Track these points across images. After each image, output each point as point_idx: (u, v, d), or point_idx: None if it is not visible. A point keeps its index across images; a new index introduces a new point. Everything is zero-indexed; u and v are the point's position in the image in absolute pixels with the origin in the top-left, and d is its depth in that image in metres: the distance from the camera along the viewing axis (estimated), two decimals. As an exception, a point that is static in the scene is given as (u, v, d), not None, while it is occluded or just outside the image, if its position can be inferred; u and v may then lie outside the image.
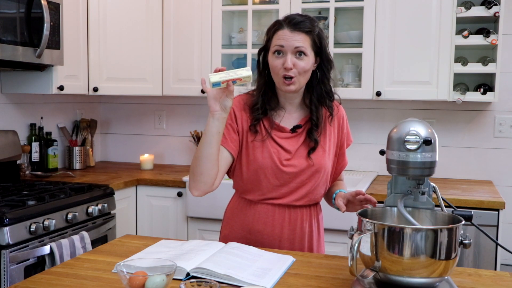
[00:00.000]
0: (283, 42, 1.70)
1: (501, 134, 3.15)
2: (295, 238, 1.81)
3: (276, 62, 1.72)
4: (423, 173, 1.36)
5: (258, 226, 1.81)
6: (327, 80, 1.80)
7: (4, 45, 2.45)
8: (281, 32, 1.72)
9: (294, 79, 1.71)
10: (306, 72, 1.74)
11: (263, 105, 1.79)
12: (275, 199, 1.80)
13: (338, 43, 3.12)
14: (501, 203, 2.58)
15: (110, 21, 3.23)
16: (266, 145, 1.78)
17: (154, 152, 3.73)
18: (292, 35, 1.70)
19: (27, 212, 2.23)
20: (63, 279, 1.41)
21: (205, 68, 3.28)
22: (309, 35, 1.72)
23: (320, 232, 1.91)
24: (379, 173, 3.29)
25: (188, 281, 1.29)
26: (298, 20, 1.72)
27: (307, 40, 1.71)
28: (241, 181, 1.83)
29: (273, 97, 1.81)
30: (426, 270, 1.23)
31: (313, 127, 1.79)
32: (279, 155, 1.77)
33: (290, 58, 1.70)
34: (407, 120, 1.39)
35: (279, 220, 1.80)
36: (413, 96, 2.98)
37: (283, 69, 1.71)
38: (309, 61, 1.72)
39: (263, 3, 3.27)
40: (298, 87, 1.75)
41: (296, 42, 1.70)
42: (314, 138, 1.78)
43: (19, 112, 3.17)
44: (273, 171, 1.77)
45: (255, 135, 1.79)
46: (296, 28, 1.71)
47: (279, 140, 1.79)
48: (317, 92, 1.79)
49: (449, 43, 2.86)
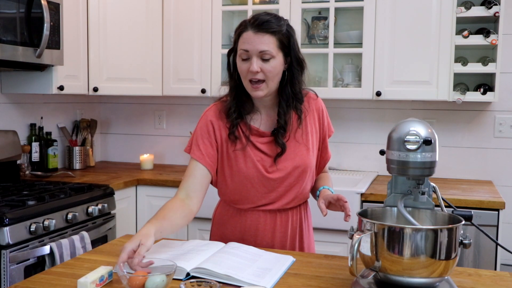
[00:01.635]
0: (247, 46, 1.62)
1: (501, 134, 3.15)
2: (286, 240, 1.79)
3: (243, 66, 1.65)
4: (423, 173, 1.36)
5: (250, 232, 1.78)
6: (298, 81, 1.71)
7: (4, 45, 2.45)
8: (245, 35, 1.64)
9: (262, 85, 1.64)
10: (275, 76, 1.66)
11: (237, 109, 1.72)
12: (265, 206, 1.76)
13: (338, 43, 3.12)
14: (501, 203, 2.58)
15: (110, 21, 3.23)
16: (248, 153, 1.72)
17: (154, 152, 3.73)
18: (256, 37, 1.62)
19: (27, 212, 2.23)
20: (63, 279, 1.41)
21: (205, 68, 3.28)
22: (275, 36, 1.63)
23: (310, 230, 1.89)
24: (379, 173, 3.29)
25: (188, 281, 1.29)
26: (263, 20, 1.63)
27: (273, 42, 1.63)
28: (227, 192, 1.79)
29: (247, 100, 1.73)
30: (426, 270, 1.23)
31: (280, 131, 1.71)
32: (263, 162, 1.72)
33: (256, 62, 1.62)
34: (407, 120, 1.39)
35: (270, 225, 1.77)
36: (413, 96, 2.98)
37: (250, 73, 1.63)
38: (276, 63, 1.64)
39: (263, 3, 3.27)
40: (267, 91, 1.67)
41: (260, 45, 1.61)
42: (281, 143, 1.71)
43: (19, 112, 3.17)
44: (259, 179, 1.72)
45: (235, 142, 1.72)
46: (260, 29, 1.62)
47: (261, 145, 1.73)
48: (285, 94, 1.71)
49: (449, 43, 2.86)
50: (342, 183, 3.00)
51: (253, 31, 1.63)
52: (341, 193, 2.68)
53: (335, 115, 3.39)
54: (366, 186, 2.84)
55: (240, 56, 1.66)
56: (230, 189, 1.77)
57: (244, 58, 1.65)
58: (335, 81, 3.16)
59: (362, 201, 2.74)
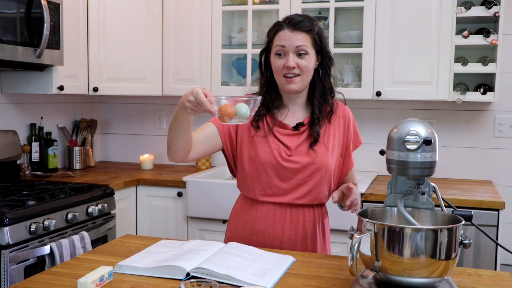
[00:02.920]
0: (284, 42, 1.72)
1: (501, 134, 3.15)
2: (297, 239, 1.80)
3: (278, 62, 1.74)
4: (423, 173, 1.36)
5: (259, 226, 1.80)
6: (328, 77, 1.82)
7: (4, 45, 2.45)
8: (281, 33, 1.74)
9: (296, 78, 1.73)
10: (309, 71, 1.75)
11: (265, 103, 1.81)
12: (275, 196, 1.78)
13: (338, 43, 3.12)
14: (501, 203, 2.58)
15: (110, 21, 3.23)
16: (268, 141, 1.79)
17: (154, 152, 3.73)
18: (293, 35, 1.72)
19: (27, 212, 2.23)
20: (63, 279, 1.41)
21: (205, 68, 3.28)
22: (310, 34, 1.74)
23: (326, 235, 1.88)
24: (379, 173, 3.29)
25: (188, 281, 1.29)
26: (298, 20, 1.74)
27: (308, 39, 1.73)
28: (242, 177, 1.84)
29: (277, 97, 1.83)
30: (426, 270, 1.23)
31: (315, 121, 1.80)
32: (280, 151, 1.78)
33: (292, 58, 1.72)
34: (407, 120, 1.39)
35: (280, 219, 1.79)
36: (413, 96, 2.98)
37: (286, 69, 1.72)
38: (310, 60, 1.74)
39: (263, 3, 3.27)
40: (301, 86, 1.76)
41: (297, 41, 1.71)
42: (316, 131, 1.78)
43: (19, 112, 3.17)
44: (273, 166, 1.77)
45: (257, 130, 1.81)
46: (296, 28, 1.73)
47: (281, 136, 1.80)
48: (319, 89, 1.81)
49: (449, 43, 2.86)
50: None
51: (289, 30, 1.73)
52: (341, 193, 2.71)
53: (335, 115, 3.39)
54: (366, 186, 2.84)
55: (276, 52, 1.75)
56: (246, 175, 1.82)
57: (280, 55, 1.74)
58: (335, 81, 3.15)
59: (362, 201, 2.74)
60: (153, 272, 1.43)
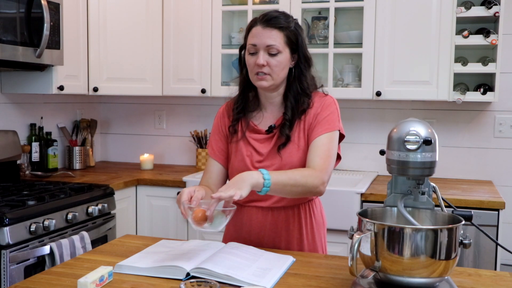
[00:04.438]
0: (255, 40, 1.69)
1: (501, 134, 3.15)
2: (281, 242, 1.77)
3: (250, 60, 1.71)
4: (423, 173, 1.36)
5: (245, 228, 1.80)
6: (305, 77, 1.75)
7: (4, 45, 2.45)
8: (254, 30, 1.71)
9: (267, 76, 1.69)
10: (281, 70, 1.71)
11: (241, 104, 1.80)
12: (255, 202, 1.77)
13: (338, 43, 3.12)
14: (501, 203, 2.58)
15: (110, 21, 3.23)
16: (240, 147, 1.78)
17: (154, 152, 3.73)
18: (264, 32, 1.68)
19: (27, 212, 2.23)
20: (63, 279, 1.41)
21: (205, 68, 3.28)
22: (283, 31, 1.69)
23: (316, 235, 1.83)
24: (379, 173, 3.29)
25: (188, 281, 1.29)
26: (272, 16, 1.70)
27: (281, 37, 1.68)
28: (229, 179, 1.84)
29: (254, 99, 1.81)
30: (426, 270, 1.23)
31: (286, 123, 1.74)
32: (252, 158, 1.76)
33: (262, 56, 1.68)
34: (407, 120, 1.39)
35: (262, 222, 1.77)
36: (413, 96, 2.98)
37: (256, 67, 1.69)
38: (282, 59, 1.69)
39: (263, 3, 3.27)
40: (272, 83, 1.71)
41: (267, 39, 1.67)
42: (285, 133, 1.73)
43: (19, 112, 3.17)
44: None
45: (233, 136, 1.81)
46: (268, 25, 1.68)
47: (253, 142, 1.78)
48: (293, 90, 1.75)
49: (449, 43, 2.86)
50: (342, 183, 3.00)
51: (261, 26, 1.69)
52: (342, 193, 2.71)
53: (335, 115, 3.38)
54: (366, 186, 2.84)
55: (248, 50, 1.72)
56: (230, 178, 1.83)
57: (252, 52, 1.71)
58: (335, 81, 3.16)
59: (362, 201, 2.74)
60: (153, 272, 1.43)
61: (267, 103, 1.80)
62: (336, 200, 2.71)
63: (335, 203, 2.70)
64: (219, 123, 1.86)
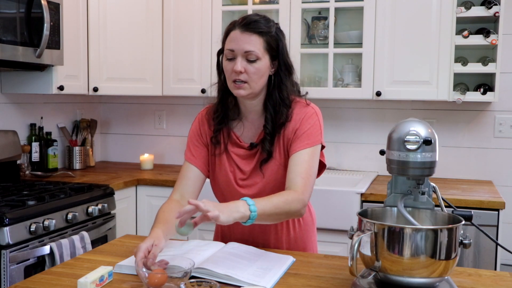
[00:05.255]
0: (233, 45, 1.58)
1: (501, 134, 3.15)
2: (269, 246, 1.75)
3: (228, 66, 1.61)
4: (423, 173, 1.36)
5: (235, 235, 1.78)
6: (285, 86, 1.65)
7: (4, 45, 2.45)
8: (232, 34, 1.60)
9: (245, 84, 1.59)
10: (260, 78, 1.60)
11: (221, 113, 1.70)
12: None
13: (338, 43, 3.12)
14: (501, 203, 2.58)
15: (110, 21, 3.23)
16: (223, 161, 1.71)
17: (154, 152, 3.73)
18: (243, 37, 1.57)
19: (27, 212, 2.23)
20: (63, 279, 1.41)
21: (205, 68, 3.28)
22: (263, 37, 1.59)
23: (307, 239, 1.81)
24: (379, 173, 3.29)
25: (188, 281, 1.29)
26: (251, 20, 1.59)
27: (260, 43, 1.58)
28: (213, 191, 1.81)
29: (234, 107, 1.72)
30: (426, 270, 1.23)
31: (267, 137, 1.65)
32: (235, 174, 1.70)
33: (240, 62, 1.57)
34: (407, 120, 1.39)
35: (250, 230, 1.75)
36: (413, 96, 2.98)
37: (234, 73, 1.59)
38: (261, 65, 1.59)
39: (263, 3, 3.27)
40: (251, 91, 1.61)
41: (246, 45, 1.57)
42: (266, 149, 1.65)
43: (19, 112, 3.17)
44: (230, 190, 1.71)
45: (216, 147, 1.73)
46: (247, 29, 1.58)
47: (236, 158, 1.71)
48: (273, 100, 1.65)
49: (449, 43, 2.86)
50: (342, 183, 3.00)
51: (240, 31, 1.59)
52: (341, 193, 2.71)
53: (334, 115, 3.39)
54: (366, 186, 2.83)
55: (226, 55, 1.62)
56: (214, 190, 1.80)
57: (230, 58, 1.60)
58: (335, 81, 3.16)
59: (362, 201, 2.74)
60: (153, 272, 1.43)
61: (247, 111, 1.71)
62: (336, 200, 2.71)
63: (335, 203, 2.70)
64: (199, 129, 1.76)
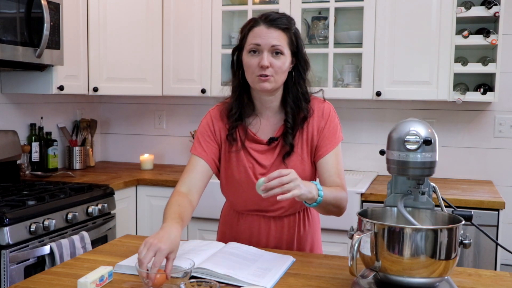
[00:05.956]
0: (259, 40, 1.61)
1: (501, 134, 3.15)
2: (281, 245, 1.77)
3: (252, 61, 1.62)
4: (423, 173, 1.36)
5: (245, 235, 1.78)
6: (303, 81, 1.70)
7: (4, 45, 2.45)
8: (257, 29, 1.62)
9: (270, 77, 1.61)
10: (284, 72, 1.64)
11: (238, 110, 1.71)
12: (257, 211, 1.76)
13: (338, 43, 3.12)
14: (501, 203, 2.58)
15: (110, 21, 3.23)
16: (241, 158, 1.71)
17: (154, 152, 3.73)
18: (269, 32, 1.61)
19: (27, 212, 2.23)
20: (63, 279, 1.41)
21: (205, 68, 3.28)
22: (286, 33, 1.63)
23: (315, 238, 1.83)
24: (379, 173, 3.29)
25: (188, 281, 1.29)
26: (275, 16, 1.64)
27: (284, 38, 1.63)
28: (225, 192, 1.81)
29: (249, 103, 1.72)
30: (426, 270, 1.23)
31: (288, 130, 1.68)
32: (254, 170, 1.70)
33: (267, 56, 1.60)
34: (407, 120, 1.39)
35: (265, 229, 1.76)
36: (413, 96, 2.98)
37: (259, 68, 1.61)
38: (285, 61, 1.63)
39: (263, 3, 3.27)
40: (274, 86, 1.64)
41: (272, 40, 1.60)
42: (289, 142, 1.67)
43: (19, 112, 3.17)
44: (248, 186, 1.70)
45: (232, 145, 1.72)
46: (272, 25, 1.61)
47: (254, 153, 1.71)
48: (292, 94, 1.68)
49: (449, 43, 2.86)
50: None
51: (265, 26, 1.62)
52: (341, 193, 2.71)
53: (335, 115, 3.38)
54: (366, 186, 2.84)
55: (249, 50, 1.63)
56: (226, 190, 1.79)
57: (254, 52, 1.63)
58: (335, 81, 3.16)
59: (362, 201, 2.74)
60: (153, 272, 1.43)
61: (263, 108, 1.72)
62: (336, 200, 2.71)
63: (335, 203, 2.69)
64: (212, 126, 1.75)
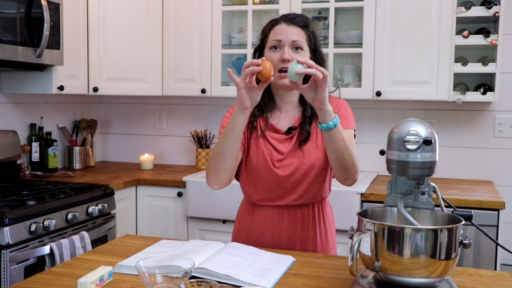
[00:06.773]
0: (280, 36, 1.71)
1: (501, 134, 3.15)
2: (295, 241, 1.79)
3: (274, 55, 1.71)
4: (423, 173, 1.36)
5: (258, 228, 1.80)
6: None
7: (4, 45, 2.45)
8: (277, 27, 1.73)
9: None
10: None
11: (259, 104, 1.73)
12: (272, 200, 1.78)
13: (338, 43, 3.12)
14: (501, 203, 2.58)
15: (110, 21, 3.23)
16: (260, 144, 1.77)
17: (154, 152, 3.73)
18: (289, 29, 1.71)
19: (27, 212, 2.23)
20: (63, 279, 1.41)
21: (205, 68, 3.28)
22: (305, 30, 1.73)
23: (328, 235, 1.86)
24: (379, 173, 3.29)
25: (188, 281, 1.29)
26: (294, 15, 1.75)
27: (303, 35, 1.73)
28: (242, 181, 1.84)
29: (270, 98, 1.81)
30: (426, 270, 1.23)
31: (306, 119, 1.77)
32: (272, 156, 1.76)
33: (288, 51, 1.69)
34: (407, 120, 1.39)
35: (278, 221, 1.78)
36: (413, 96, 2.98)
37: (280, 62, 1.69)
38: (305, 56, 1.71)
39: (263, 3, 3.27)
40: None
41: (293, 35, 1.70)
42: (306, 130, 1.76)
43: (19, 112, 3.17)
44: (266, 171, 1.75)
45: (252, 132, 1.79)
46: (292, 22, 1.73)
47: (273, 141, 1.78)
48: None
49: (449, 43, 2.86)
50: (342, 183, 3.00)
51: (286, 24, 1.73)
52: (341, 193, 2.71)
53: (335, 115, 3.39)
54: (366, 186, 2.84)
55: (271, 47, 1.72)
56: (244, 179, 1.82)
57: (276, 48, 1.71)
58: (335, 81, 3.16)
59: (362, 201, 2.74)
60: (153, 272, 1.43)
61: (283, 103, 1.81)
62: (336, 200, 2.70)
63: (335, 203, 2.68)
64: None
